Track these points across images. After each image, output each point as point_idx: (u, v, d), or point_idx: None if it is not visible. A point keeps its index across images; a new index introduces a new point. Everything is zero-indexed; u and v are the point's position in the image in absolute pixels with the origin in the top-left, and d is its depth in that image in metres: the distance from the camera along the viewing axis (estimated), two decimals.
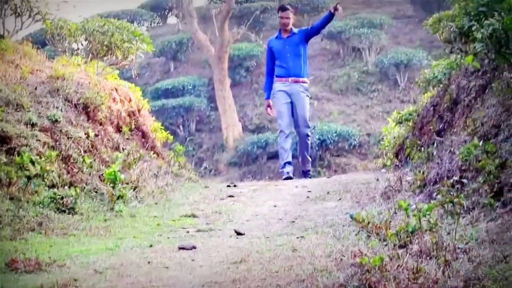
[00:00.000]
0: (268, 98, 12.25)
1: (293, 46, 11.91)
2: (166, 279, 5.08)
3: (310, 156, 12.14)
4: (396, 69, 28.12)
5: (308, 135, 11.89)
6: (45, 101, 8.95)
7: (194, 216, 7.75)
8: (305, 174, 11.98)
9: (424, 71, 12.55)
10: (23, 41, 11.09)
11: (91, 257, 5.74)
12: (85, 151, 8.76)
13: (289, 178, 11.52)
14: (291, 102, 11.81)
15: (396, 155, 10.33)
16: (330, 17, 11.96)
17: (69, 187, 7.86)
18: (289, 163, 11.78)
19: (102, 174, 8.47)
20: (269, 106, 12.20)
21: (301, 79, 11.89)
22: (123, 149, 9.65)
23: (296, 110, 11.81)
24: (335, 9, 11.76)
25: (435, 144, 8.15)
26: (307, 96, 12.00)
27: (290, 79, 11.84)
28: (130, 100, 10.80)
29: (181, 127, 28.21)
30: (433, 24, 10.18)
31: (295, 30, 12.08)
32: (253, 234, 6.56)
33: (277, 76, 12.01)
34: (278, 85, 11.95)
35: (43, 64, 10.09)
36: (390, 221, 5.77)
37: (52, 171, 7.84)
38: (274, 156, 22.57)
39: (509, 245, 4.75)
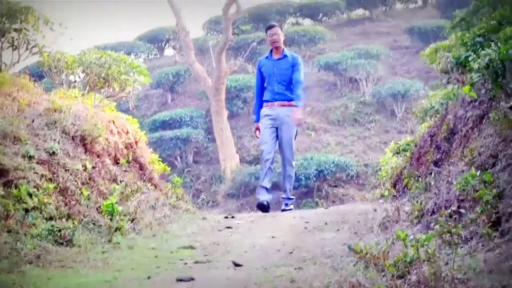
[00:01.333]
0: (257, 121, 11.56)
1: (282, 70, 11.34)
2: None
3: (307, 186, 11.92)
4: (393, 99, 28.24)
5: (291, 161, 11.32)
6: (43, 134, 8.93)
7: (192, 247, 7.72)
8: (284, 206, 11.38)
9: (421, 101, 12.65)
10: (20, 74, 11.10)
11: None
12: (82, 183, 8.74)
13: (262, 205, 11.04)
14: (277, 127, 11.25)
15: (394, 185, 10.32)
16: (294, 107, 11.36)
17: (66, 220, 7.83)
18: (266, 188, 11.27)
19: (99, 206, 8.44)
20: (257, 129, 11.51)
21: (287, 102, 11.24)
22: (120, 181, 9.64)
23: (281, 134, 11.23)
24: (295, 120, 11.20)
25: (432, 174, 8.15)
26: None
27: (276, 103, 11.28)
28: (127, 132, 10.80)
29: (178, 158, 28.21)
30: (430, 55, 10.25)
31: (288, 52, 11.57)
32: (251, 265, 6.53)
33: (264, 101, 11.50)
34: (264, 110, 11.41)
35: (40, 96, 10.08)
36: (388, 252, 5.75)
37: (50, 203, 7.80)
38: (272, 188, 22.54)
39: (507, 275, 4.73)
